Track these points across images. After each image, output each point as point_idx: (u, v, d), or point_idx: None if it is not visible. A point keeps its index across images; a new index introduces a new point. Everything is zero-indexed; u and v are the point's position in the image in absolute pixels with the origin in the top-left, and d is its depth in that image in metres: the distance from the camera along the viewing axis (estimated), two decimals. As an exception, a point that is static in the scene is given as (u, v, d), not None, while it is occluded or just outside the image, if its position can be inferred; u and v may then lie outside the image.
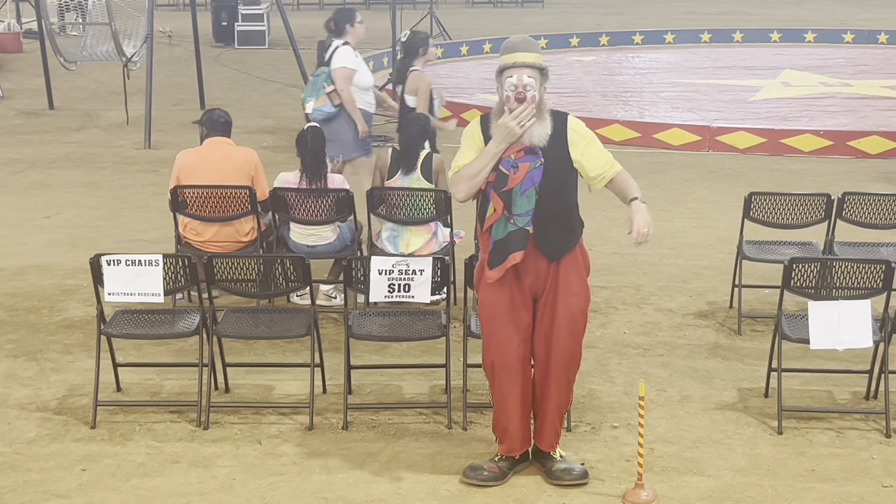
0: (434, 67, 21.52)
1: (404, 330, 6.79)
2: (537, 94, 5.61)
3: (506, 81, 5.61)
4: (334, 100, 10.01)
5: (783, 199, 8.44)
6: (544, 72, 5.67)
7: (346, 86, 10.00)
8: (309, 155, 8.20)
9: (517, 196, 5.59)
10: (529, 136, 5.61)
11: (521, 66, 5.60)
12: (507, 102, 5.62)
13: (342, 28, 10.28)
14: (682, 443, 6.37)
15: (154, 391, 7.04)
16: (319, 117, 9.93)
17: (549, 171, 5.62)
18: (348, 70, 10.04)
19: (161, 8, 23.81)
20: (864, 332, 6.29)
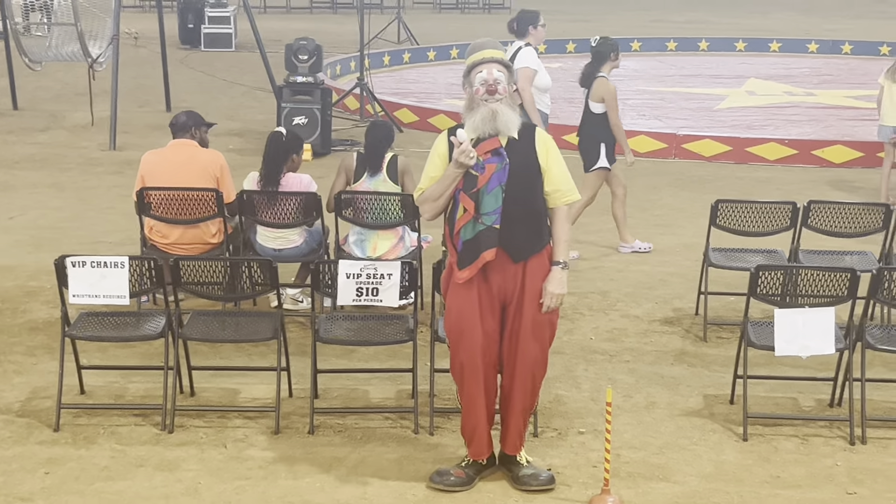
0: (402, 73, 21.60)
1: (371, 334, 6.78)
2: (507, 88, 5.69)
3: (476, 77, 5.69)
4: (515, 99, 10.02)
5: (749, 206, 8.49)
6: (511, 69, 5.80)
7: (527, 86, 10.08)
8: (264, 159, 8.19)
9: (484, 195, 5.63)
10: (503, 122, 5.66)
11: (491, 62, 5.71)
12: (476, 94, 5.68)
13: (524, 29, 10.41)
14: (648, 449, 6.38)
15: (118, 394, 6.99)
16: None
17: (515, 172, 5.66)
18: (531, 70, 10.14)
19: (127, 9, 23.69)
20: (827, 340, 6.33)
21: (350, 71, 20.23)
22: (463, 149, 5.58)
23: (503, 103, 5.68)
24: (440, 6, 33.10)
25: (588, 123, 9.94)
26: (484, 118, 5.66)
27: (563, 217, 5.82)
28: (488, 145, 5.67)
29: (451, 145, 5.71)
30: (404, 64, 22.60)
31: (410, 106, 16.40)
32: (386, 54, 22.42)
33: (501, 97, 5.68)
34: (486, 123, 5.66)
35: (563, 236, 5.82)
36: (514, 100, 5.79)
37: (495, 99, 5.67)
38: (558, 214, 5.82)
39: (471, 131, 5.68)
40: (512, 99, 5.75)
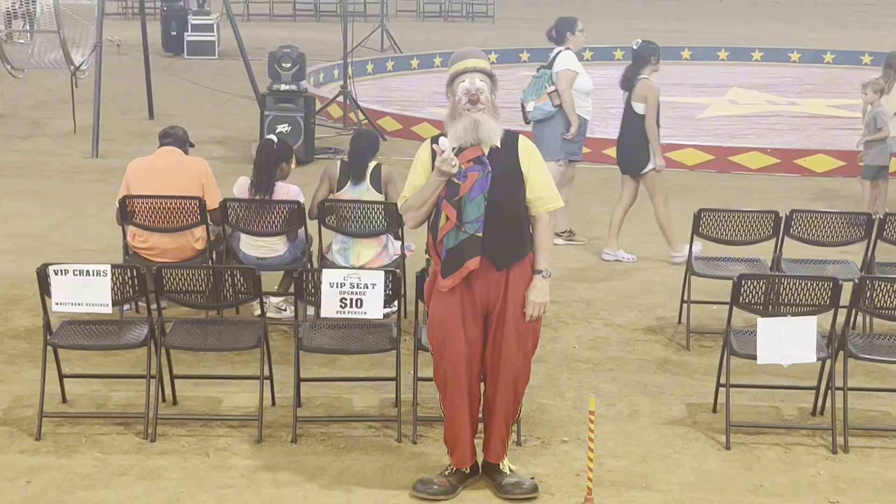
0: (385, 81, 21.60)
1: (354, 343, 6.77)
2: (489, 98, 5.69)
3: (458, 86, 5.70)
4: (554, 100, 10.24)
5: (732, 215, 8.52)
6: (494, 79, 5.79)
7: (568, 87, 10.24)
8: (257, 167, 8.17)
9: (466, 203, 5.64)
10: (485, 131, 5.66)
11: (473, 72, 5.72)
12: (459, 104, 5.68)
13: (563, 36, 10.52)
14: (631, 457, 6.38)
15: (101, 403, 6.97)
16: (539, 116, 10.30)
17: (497, 180, 5.67)
18: (572, 73, 10.28)
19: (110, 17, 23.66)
20: (809, 349, 6.36)
21: (333, 79, 20.23)
22: (445, 157, 5.59)
23: (485, 113, 5.69)
24: (423, 15, 33.14)
25: (634, 126, 9.97)
26: (466, 128, 5.67)
27: (545, 225, 5.83)
28: (471, 153, 5.68)
29: (433, 153, 5.72)
30: (388, 72, 22.62)
31: (394, 114, 16.41)
32: (369, 62, 22.43)
33: (484, 107, 5.69)
34: (468, 133, 5.67)
35: (545, 244, 5.82)
36: (497, 109, 5.80)
37: (477, 109, 5.67)
38: (540, 222, 5.83)
39: (453, 140, 5.69)
40: (494, 109, 5.76)
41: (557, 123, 10.30)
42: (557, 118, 10.28)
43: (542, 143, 10.14)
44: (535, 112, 10.31)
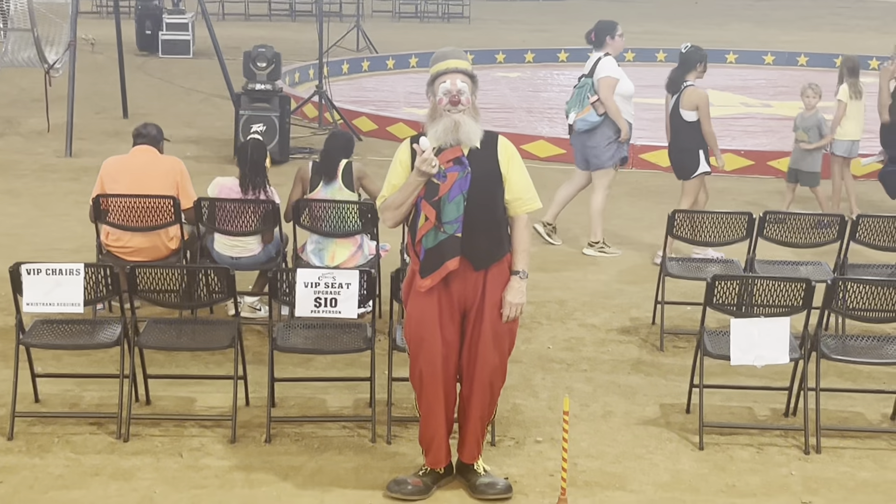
0: (361, 81, 21.59)
1: (329, 343, 6.76)
2: (470, 99, 5.69)
3: (439, 87, 5.70)
4: (598, 109, 10.18)
5: (705, 216, 8.56)
6: (475, 79, 5.79)
7: (610, 94, 10.16)
8: (248, 166, 8.15)
9: (445, 203, 5.64)
10: (465, 133, 5.66)
11: (454, 72, 5.71)
12: (439, 105, 5.68)
13: (602, 40, 10.40)
14: (605, 458, 6.40)
15: (73, 402, 6.94)
16: (584, 127, 10.24)
17: (476, 180, 5.67)
18: (612, 79, 10.18)
19: (84, 15, 23.52)
20: (782, 349, 6.39)
21: (309, 79, 20.19)
22: (425, 157, 5.58)
23: (466, 114, 5.69)
24: (399, 15, 33.12)
25: (682, 133, 10.00)
26: (446, 129, 5.67)
27: (523, 226, 5.84)
28: (450, 154, 5.68)
29: (414, 153, 5.71)
30: (363, 72, 22.60)
31: (369, 114, 16.39)
32: (345, 62, 22.41)
33: (464, 108, 5.69)
34: (448, 134, 5.67)
35: (523, 245, 5.83)
36: (477, 110, 5.79)
37: (458, 110, 5.67)
38: (518, 223, 5.84)
39: (433, 141, 5.68)
40: (474, 110, 5.75)
41: (605, 132, 10.23)
42: (603, 127, 10.22)
43: (593, 153, 10.28)
44: (580, 123, 10.25)
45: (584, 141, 10.36)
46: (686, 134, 9.95)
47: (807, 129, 11.24)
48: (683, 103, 9.89)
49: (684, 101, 9.89)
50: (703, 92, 9.99)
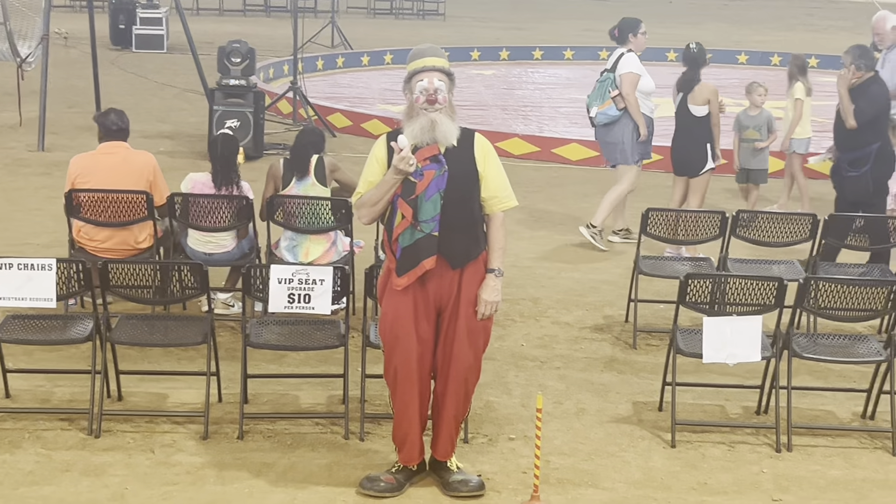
0: (335, 77, 21.55)
1: (302, 339, 6.75)
2: (447, 97, 5.67)
3: (416, 85, 5.68)
4: (619, 104, 10.27)
5: (679, 215, 8.58)
6: (452, 77, 5.78)
7: (631, 90, 10.27)
8: (220, 162, 8.13)
9: (423, 202, 5.63)
10: (442, 132, 5.65)
11: (432, 70, 5.70)
12: (416, 103, 5.67)
13: (625, 37, 10.52)
14: (577, 455, 6.41)
15: (44, 398, 6.90)
16: (604, 121, 10.37)
17: (453, 178, 5.67)
18: (634, 75, 10.28)
19: (57, 9, 23.40)
20: (754, 348, 6.42)
21: (283, 74, 20.15)
22: (403, 155, 5.57)
23: (443, 113, 5.68)
24: (374, 11, 33.09)
25: (691, 127, 10.06)
26: (423, 128, 5.66)
27: (499, 224, 5.84)
28: (427, 152, 5.68)
29: (390, 150, 5.71)
30: (338, 68, 22.56)
31: (344, 111, 16.37)
32: (319, 58, 22.36)
33: (441, 107, 5.67)
34: (425, 133, 5.66)
35: (498, 243, 5.83)
36: (454, 109, 5.78)
37: (435, 108, 5.66)
38: (495, 221, 5.83)
39: (409, 139, 5.67)
40: (451, 108, 5.74)
41: (624, 127, 10.36)
42: (623, 122, 10.34)
43: (615, 148, 10.42)
44: (600, 117, 10.39)
45: (604, 136, 10.51)
46: (696, 129, 10.02)
47: (758, 126, 11.30)
48: (696, 99, 9.96)
49: (695, 97, 9.97)
50: (713, 85, 10.14)
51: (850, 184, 9.20)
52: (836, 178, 9.45)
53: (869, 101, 9.13)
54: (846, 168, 9.18)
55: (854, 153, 9.16)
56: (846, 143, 9.19)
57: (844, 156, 9.20)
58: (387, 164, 5.73)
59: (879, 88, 9.31)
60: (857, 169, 9.16)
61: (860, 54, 9.14)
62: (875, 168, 9.22)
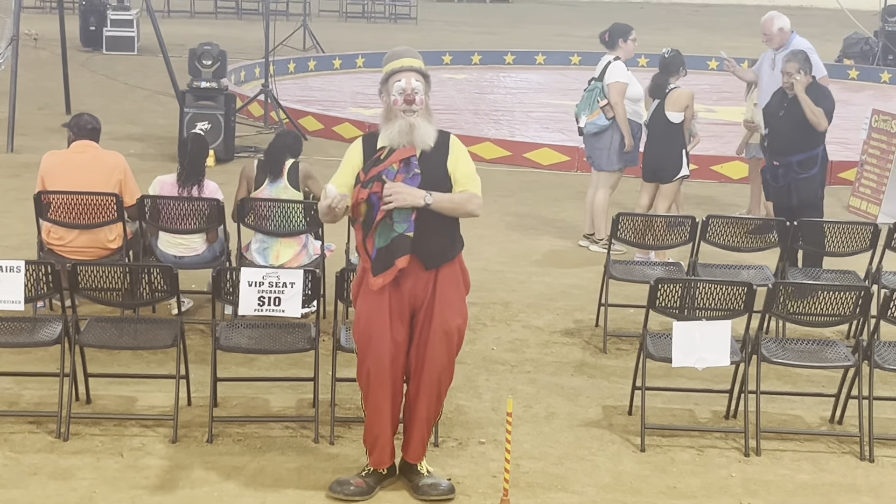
0: (307, 80, 21.51)
1: (273, 342, 6.73)
2: (424, 99, 5.67)
3: (394, 86, 5.68)
4: (608, 113, 10.32)
5: (650, 220, 8.62)
6: (428, 79, 5.79)
7: (620, 100, 10.31)
8: (188, 160, 8.11)
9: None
10: (420, 136, 5.66)
11: (409, 71, 5.71)
12: (394, 105, 5.67)
13: (615, 42, 10.59)
14: (547, 459, 6.42)
15: (12, 401, 6.86)
16: (593, 130, 10.40)
17: (427, 181, 5.68)
18: (622, 84, 10.34)
19: (27, 10, 23.28)
20: (723, 352, 6.45)
21: (255, 77, 20.10)
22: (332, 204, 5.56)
23: (420, 115, 5.67)
24: (346, 15, 33.05)
25: (666, 134, 10.05)
26: (401, 131, 5.65)
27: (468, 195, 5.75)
28: (402, 153, 5.67)
29: (366, 153, 5.72)
30: (309, 71, 22.52)
31: (315, 114, 16.34)
32: (291, 61, 22.32)
33: (419, 108, 5.67)
34: (402, 136, 5.66)
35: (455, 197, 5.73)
36: (430, 111, 5.79)
37: (412, 110, 5.65)
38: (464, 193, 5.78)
39: (385, 141, 5.68)
40: (428, 111, 5.75)
41: (612, 135, 10.40)
42: (611, 130, 10.38)
43: (600, 156, 10.47)
44: (589, 126, 10.44)
45: (593, 143, 10.55)
46: (671, 136, 10.02)
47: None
48: (670, 105, 9.97)
49: (671, 103, 9.96)
50: (690, 91, 10.16)
51: (803, 186, 9.19)
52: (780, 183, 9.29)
53: (827, 103, 9.17)
54: (796, 171, 9.17)
55: (804, 154, 9.17)
56: (795, 146, 9.15)
57: (794, 158, 9.16)
58: (362, 163, 5.72)
59: (825, 89, 9.36)
60: (807, 170, 9.18)
61: (805, 59, 9.18)
62: (821, 169, 9.29)
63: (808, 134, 9.14)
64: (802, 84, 9.08)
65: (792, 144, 9.17)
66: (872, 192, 12.32)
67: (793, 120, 9.12)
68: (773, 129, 9.34)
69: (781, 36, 11.33)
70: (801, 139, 9.15)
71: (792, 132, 9.15)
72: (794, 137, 9.16)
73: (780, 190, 9.25)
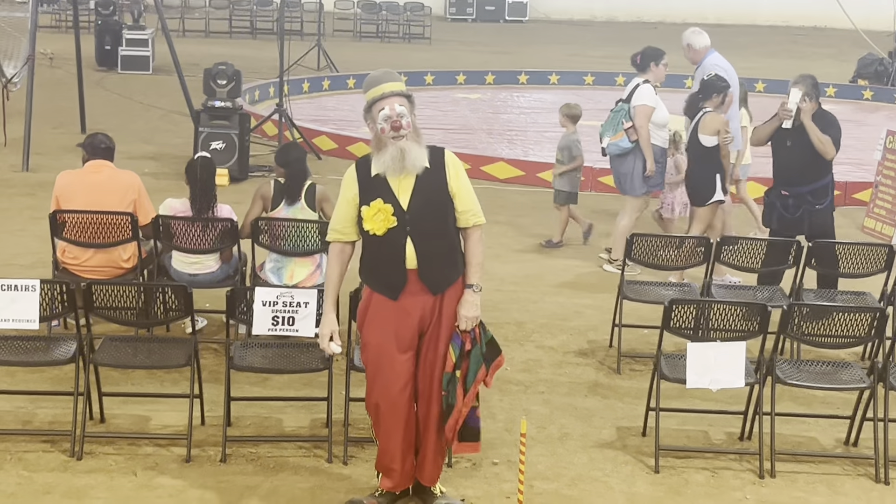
0: (321, 100, 21.56)
1: (286, 362, 6.74)
2: (411, 122, 5.65)
3: (378, 115, 5.65)
4: (631, 136, 10.29)
5: (664, 240, 8.60)
6: (411, 99, 5.75)
7: (645, 123, 10.28)
8: (198, 186, 8.12)
9: None
10: (412, 161, 5.64)
11: (391, 96, 5.67)
12: (382, 134, 5.65)
13: (646, 65, 10.59)
14: (561, 480, 6.41)
15: (26, 419, 6.87)
16: (615, 152, 10.39)
17: (429, 199, 5.69)
18: (648, 108, 10.31)
19: (43, 29, 23.35)
20: (738, 373, 6.43)
21: (269, 97, 20.16)
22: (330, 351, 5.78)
23: (409, 139, 5.64)
24: (360, 35, 33.12)
25: (700, 157, 9.92)
26: (393, 157, 5.63)
27: (476, 239, 5.82)
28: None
29: (360, 182, 5.70)
30: (323, 91, 22.58)
31: (329, 133, 16.38)
32: (305, 81, 22.39)
33: (406, 132, 5.64)
34: (395, 163, 5.63)
35: (476, 258, 5.80)
36: (419, 132, 5.74)
37: (401, 135, 5.63)
38: (472, 237, 5.82)
39: (380, 168, 5.67)
40: (416, 132, 5.71)
41: (636, 159, 10.38)
42: (635, 153, 10.36)
43: (624, 180, 10.47)
44: (611, 147, 10.43)
45: (617, 167, 10.55)
46: (704, 159, 9.90)
47: (560, 149, 11.31)
48: (703, 129, 9.88)
49: (704, 127, 9.85)
50: (723, 117, 9.96)
51: (817, 217, 9.06)
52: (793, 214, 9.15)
53: (833, 130, 9.00)
54: (810, 201, 9.03)
55: (816, 184, 9.04)
56: (805, 176, 9.00)
57: (804, 189, 9.02)
58: (357, 203, 5.72)
59: (830, 116, 9.10)
60: (821, 200, 9.05)
61: (814, 84, 9.01)
62: (832, 197, 9.17)
63: (818, 163, 8.98)
64: (809, 111, 8.91)
65: (801, 175, 9.02)
66: (887, 213, 12.29)
67: (801, 149, 8.94)
68: (781, 159, 9.16)
69: (692, 53, 11.29)
70: (812, 169, 8.99)
71: (801, 162, 8.98)
72: (803, 167, 9.00)
73: (793, 221, 9.10)
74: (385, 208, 5.63)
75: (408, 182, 5.67)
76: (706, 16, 39.79)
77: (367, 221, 5.67)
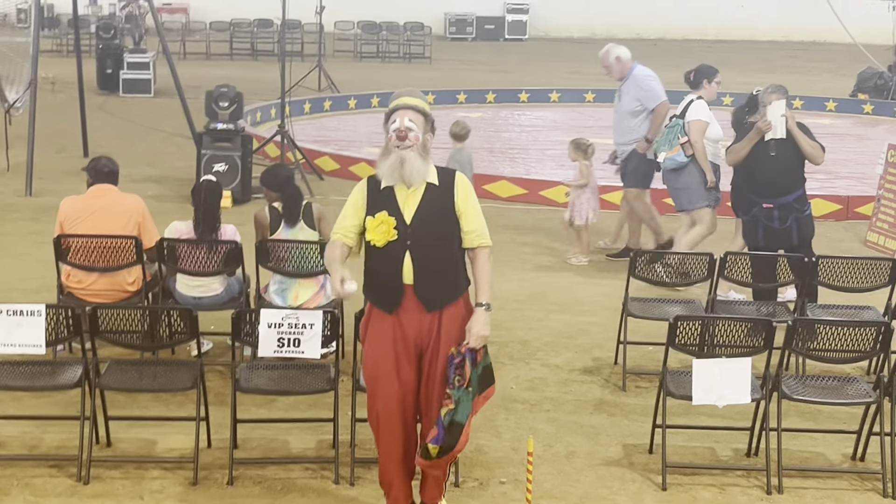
0: (323, 120, 21.60)
1: (292, 383, 6.74)
2: (420, 136, 5.70)
3: (390, 125, 5.74)
4: (687, 150, 10.40)
5: (667, 257, 8.60)
6: (429, 118, 5.81)
7: (699, 137, 10.41)
8: (203, 209, 8.13)
9: None
10: (409, 170, 5.69)
11: (405, 109, 5.77)
12: (389, 142, 5.74)
13: (699, 82, 10.74)
14: (568, 499, 6.40)
15: (33, 445, 6.87)
16: (671, 166, 10.52)
17: (434, 217, 5.74)
18: (703, 122, 10.44)
19: (45, 53, 23.42)
20: (744, 389, 6.43)
21: (271, 118, 20.19)
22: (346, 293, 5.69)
23: (413, 151, 5.70)
24: (361, 55, 33.20)
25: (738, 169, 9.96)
26: (392, 165, 5.72)
27: (484, 259, 5.85)
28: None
29: (370, 195, 5.75)
30: (325, 112, 22.62)
31: (331, 154, 16.40)
32: (307, 102, 22.43)
33: (412, 144, 5.70)
34: (393, 170, 5.72)
35: (485, 277, 5.83)
36: (427, 150, 5.80)
37: (406, 145, 5.69)
38: (479, 257, 5.84)
39: (381, 175, 5.75)
40: (423, 148, 5.76)
41: (692, 173, 10.50)
42: (690, 168, 10.48)
43: (682, 193, 10.57)
44: (667, 162, 10.55)
45: (672, 181, 10.67)
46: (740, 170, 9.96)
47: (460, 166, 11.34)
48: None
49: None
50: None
51: (804, 223, 9.14)
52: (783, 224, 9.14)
53: (812, 135, 9.15)
54: (797, 208, 9.09)
55: (800, 191, 9.14)
56: (787, 186, 9.08)
57: (790, 198, 9.07)
58: (363, 210, 5.77)
59: (803, 125, 9.26)
60: (805, 207, 9.16)
61: (786, 91, 9.17)
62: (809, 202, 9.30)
63: (800, 171, 9.13)
64: (792, 119, 9.05)
65: (784, 185, 9.09)
66: (890, 227, 12.29)
67: (787, 158, 9.02)
68: (764, 172, 9.14)
69: (620, 66, 11.50)
70: (794, 178, 9.10)
71: (784, 172, 9.05)
72: (785, 177, 9.08)
73: (781, 232, 9.11)
74: (388, 220, 5.68)
75: (415, 197, 5.72)
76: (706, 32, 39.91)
77: (370, 231, 5.73)
